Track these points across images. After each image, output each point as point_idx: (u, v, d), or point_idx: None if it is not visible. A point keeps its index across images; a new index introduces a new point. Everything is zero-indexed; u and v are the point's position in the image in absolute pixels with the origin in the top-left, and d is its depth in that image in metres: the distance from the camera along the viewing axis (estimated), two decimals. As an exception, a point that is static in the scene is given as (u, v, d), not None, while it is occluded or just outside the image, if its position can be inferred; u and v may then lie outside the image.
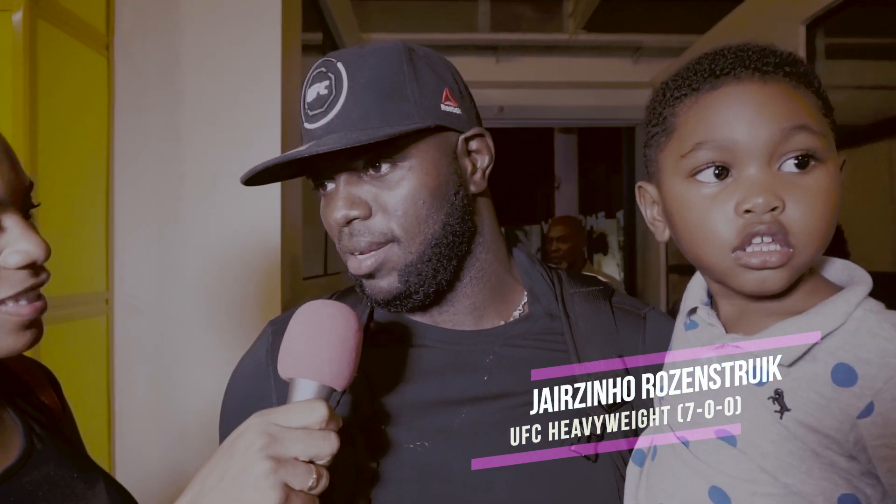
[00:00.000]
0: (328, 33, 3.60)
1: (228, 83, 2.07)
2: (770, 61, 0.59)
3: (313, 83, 0.71)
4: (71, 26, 1.80)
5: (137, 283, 2.07)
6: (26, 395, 0.73)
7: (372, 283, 0.72)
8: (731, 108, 0.57)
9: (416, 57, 0.72)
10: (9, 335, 0.60)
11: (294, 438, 0.54)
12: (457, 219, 0.72)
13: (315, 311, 0.62)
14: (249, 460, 0.52)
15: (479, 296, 0.77)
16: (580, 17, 4.88)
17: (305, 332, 0.60)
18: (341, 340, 0.59)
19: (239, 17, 2.08)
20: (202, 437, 2.03)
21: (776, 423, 0.57)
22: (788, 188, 0.56)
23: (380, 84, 0.68)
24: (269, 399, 0.76)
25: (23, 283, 0.60)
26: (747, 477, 0.58)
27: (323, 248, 3.47)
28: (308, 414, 0.55)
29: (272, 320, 0.83)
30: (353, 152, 0.68)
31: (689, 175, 0.60)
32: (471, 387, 0.72)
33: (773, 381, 0.57)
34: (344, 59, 0.70)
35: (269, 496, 0.51)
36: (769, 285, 0.57)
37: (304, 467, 0.54)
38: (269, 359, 0.78)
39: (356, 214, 0.69)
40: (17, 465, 0.64)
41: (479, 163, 0.76)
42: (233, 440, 0.55)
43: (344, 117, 0.68)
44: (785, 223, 0.56)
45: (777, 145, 0.56)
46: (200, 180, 2.07)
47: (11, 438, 0.66)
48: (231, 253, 2.08)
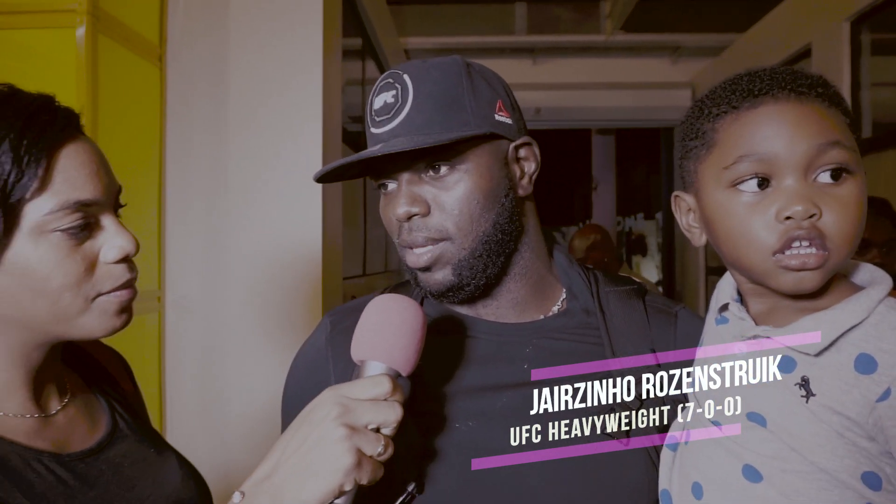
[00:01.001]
0: (367, 38, 3.68)
1: (272, 90, 2.16)
2: (804, 83, 0.64)
3: (381, 92, 0.78)
4: (127, 39, 1.91)
5: (186, 283, 2.16)
6: (109, 380, 0.81)
7: (427, 275, 0.78)
8: (770, 124, 0.63)
9: (473, 71, 0.79)
10: (111, 318, 0.67)
11: (364, 408, 0.60)
12: (506, 218, 0.78)
13: (390, 303, 0.67)
14: (327, 427, 0.58)
15: (521, 291, 0.82)
16: (617, 17, 4.86)
17: (381, 320, 0.66)
18: (412, 331, 0.66)
19: (282, 29, 2.16)
20: (244, 431, 2.11)
21: (803, 407, 0.61)
22: (824, 198, 0.61)
23: (441, 95, 0.75)
24: (328, 382, 0.81)
25: (121, 276, 0.67)
26: (777, 455, 0.62)
27: (362, 250, 3.54)
28: (375, 387, 0.61)
29: (330, 312, 0.89)
30: (416, 155, 0.74)
31: (730, 185, 0.65)
32: (512, 374, 0.77)
33: (799, 368, 0.63)
34: (409, 71, 0.77)
35: (345, 459, 0.57)
36: (806, 284, 0.63)
37: (373, 435, 0.60)
38: (328, 346, 0.84)
39: (416, 211, 0.75)
40: (105, 440, 0.72)
41: (526, 169, 0.82)
42: (309, 411, 0.61)
43: (408, 123, 0.74)
44: (822, 229, 0.61)
45: (813, 159, 0.61)
46: (246, 185, 2.16)
47: (100, 418, 0.74)
48: (274, 254, 2.15)
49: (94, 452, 0.69)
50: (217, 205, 2.16)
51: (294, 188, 2.15)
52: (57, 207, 0.62)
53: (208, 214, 2.16)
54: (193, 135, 2.16)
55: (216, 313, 2.15)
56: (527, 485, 0.72)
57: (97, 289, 0.65)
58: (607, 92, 5.40)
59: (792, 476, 0.62)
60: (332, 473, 0.57)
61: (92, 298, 0.65)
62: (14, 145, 0.60)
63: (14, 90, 0.65)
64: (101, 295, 0.66)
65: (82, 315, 0.65)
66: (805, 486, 0.61)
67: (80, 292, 0.64)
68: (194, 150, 2.16)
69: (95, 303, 0.66)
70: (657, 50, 5.35)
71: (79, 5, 1.65)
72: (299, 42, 2.16)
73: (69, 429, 0.70)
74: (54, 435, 0.68)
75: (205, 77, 2.16)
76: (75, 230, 0.63)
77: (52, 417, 0.69)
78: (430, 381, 0.76)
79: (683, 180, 0.74)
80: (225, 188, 2.15)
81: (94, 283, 0.65)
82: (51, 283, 0.62)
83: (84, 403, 0.74)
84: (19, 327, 0.64)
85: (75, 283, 0.63)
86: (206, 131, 2.16)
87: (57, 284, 0.62)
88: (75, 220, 0.63)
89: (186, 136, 2.16)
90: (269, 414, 2.09)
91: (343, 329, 0.83)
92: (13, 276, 0.62)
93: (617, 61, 5.42)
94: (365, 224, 3.62)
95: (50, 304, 0.63)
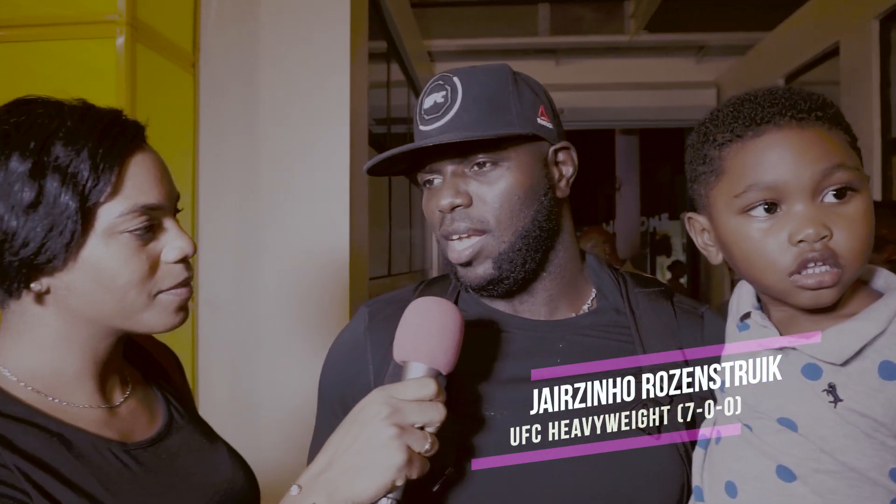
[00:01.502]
0: (391, 41, 3.73)
1: (300, 94, 2.21)
2: (804, 107, 0.67)
3: (431, 93, 0.82)
4: (163, 48, 1.98)
5: (218, 282, 2.22)
6: (163, 374, 0.86)
7: (468, 270, 0.81)
8: (775, 152, 0.66)
9: (519, 78, 0.84)
10: (170, 314, 0.72)
11: (411, 409, 0.63)
12: (544, 216, 0.82)
13: (431, 305, 0.71)
14: (378, 426, 0.62)
15: (555, 289, 0.86)
16: (641, 17, 4.85)
17: (422, 322, 0.69)
18: (452, 333, 0.69)
19: (310, 34, 2.22)
20: (275, 427, 2.16)
21: (831, 412, 0.64)
22: (832, 217, 0.64)
23: (488, 97, 0.80)
24: (365, 370, 0.86)
25: (180, 274, 0.72)
26: (809, 457, 0.65)
27: (387, 251, 3.59)
28: (422, 389, 0.65)
29: (367, 302, 0.93)
30: (461, 150, 0.78)
31: (741, 211, 0.68)
32: None
33: (825, 376, 0.66)
34: (459, 74, 0.81)
35: (396, 456, 0.61)
36: (823, 300, 0.66)
37: (420, 433, 0.63)
38: (365, 336, 0.88)
39: (460, 202, 0.79)
40: (163, 430, 0.77)
41: (564, 172, 0.85)
42: (359, 410, 0.65)
43: (456, 121, 0.79)
44: (834, 248, 0.64)
45: (819, 182, 0.64)
46: (275, 187, 2.22)
47: (157, 409, 0.80)
48: (303, 254, 2.21)
49: (155, 442, 0.74)
50: (247, 206, 2.22)
51: (322, 189, 2.20)
52: (126, 210, 0.67)
53: (239, 216, 2.22)
54: (224, 138, 2.23)
55: (247, 312, 2.22)
56: (561, 472, 0.75)
57: (158, 286, 0.71)
58: (631, 92, 5.38)
59: (824, 476, 0.64)
60: (384, 470, 0.61)
61: (154, 295, 0.71)
62: (91, 154, 0.65)
63: (88, 105, 0.70)
64: (162, 292, 0.71)
65: (145, 310, 0.70)
66: (837, 484, 0.64)
67: (143, 289, 0.69)
68: (225, 154, 2.23)
69: (156, 299, 0.71)
70: (681, 49, 5.32)
71: (119, 16, 1.73)
72: (327, 47, 2.21)
73: (131, 420, 0.75)
74: (119, 425, 0.73)
75: (235, 82, 2.23)
76: (141, 232, 0.68)
77: (116, 409, 0.74)
78: (468, 372, 0.80)
79: (695, 202, 0.78)
80: (255, 190, 2.22)
81: (156, 281, 0.70)
82: (119, 280, 0.68)
83: (143, 396, 0.80)
84: (89, 322, 0.70)
85: (140, 280, 0.69)
86: (237, 134, 2.23)
87: (124, 281, 0.68)
88: (142, 223, 0.68)
89: (218, 140, 2.23)
90: (299, 410, 2.15)
91: (380, 319, 0.87)
92: (86, 274, 0.67)
93: (641, 61, 5.40)
94: (390, 226, 3.67)
95: (117, 300, 0.68)
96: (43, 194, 0.63)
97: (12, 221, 0.63)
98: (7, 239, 0.64)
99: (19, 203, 0.63)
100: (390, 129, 3.88)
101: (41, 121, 0.66)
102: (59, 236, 0.64)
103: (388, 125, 3.80)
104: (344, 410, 0.73)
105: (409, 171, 0.87)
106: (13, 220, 0.63)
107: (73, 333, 0.70)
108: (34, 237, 0.64)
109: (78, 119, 0.67)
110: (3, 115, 0.67)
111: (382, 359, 0.84)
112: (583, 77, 5.31)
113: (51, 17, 1.78)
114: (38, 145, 0.64)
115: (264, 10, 2.22)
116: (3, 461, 0.60)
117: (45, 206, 0.64)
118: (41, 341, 0.69)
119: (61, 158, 0.64)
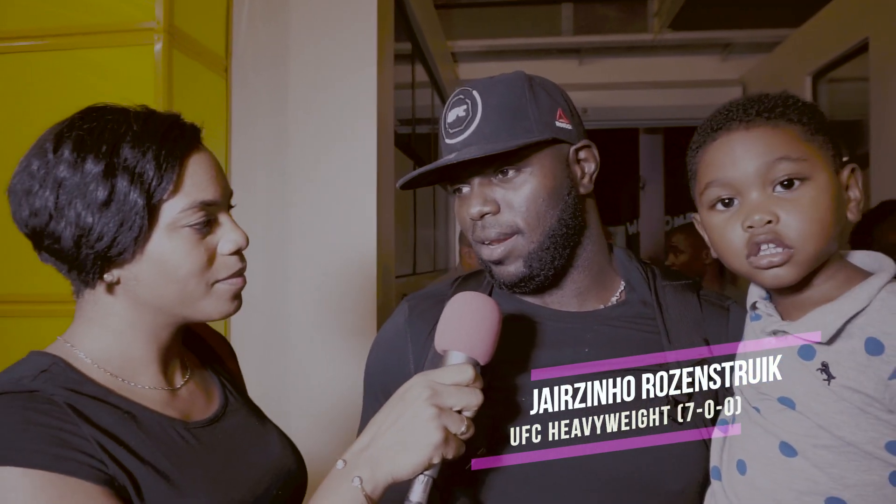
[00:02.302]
0: (416, 43, 3.77)
1: (328, 97, 2.26)
2: (752, 110, 0.74)
3: (453, 107, 0.87)
4: (197, 53, 2.04)
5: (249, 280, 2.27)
6: (219, 361, 0.93)
7: (501, 268, 0.86)
8: (724, 153, 0.75)
9: (535, 84, 0.87)
10: (226, 302, 0.78)
11: (450, 392, 0.68)
12: (570, 214, 0.85)
13: (471, 299, 0.75)
14: (419, 407, 0.66)
15: (583, 282, 0.89)
16: (665, 15, 4.82)
17: (463, 314, 0.74)
18: (491, 325, 0.73)
19: (338, 39, 2.26)
20: (305, 421, 2.22)
21: (825, 389, 0.69)
22: (781, 204, 0.71)
23: (506, 107, 0.83)
24: (405, 358, 0.91)
25: (234, 265, 0.78)
26: (808, 433, 0.70)
27: (412, 250, 3.64)
28: (461, 374, 0.69)
29: (408, 297, 0.98)
30: (486, 160, 0.83)
31: (709, 207, 0.77)
32: (573, 357, 0.84)
33: (819, 355, 0.70)
34: (478, 87, 0.85)
35: (435, 435, 0.65)
36: (783, 279, 0.72)
37: (458, 416, 0.67)
38: (406, 327, 0.93)
39: (488, 210, 0.83)
40: (220, 412, 0.83)
41: (586, 169, 0.89)
42: (402, 393, 0.69)
43: (479, 133, 0.83)
44: (780, 231, 0.70)
45: (763, 175, 0.71)
46: (304, 187, 2.27)
47: (214, 392, 0.86)
48: (332, 252, 2.26)
49: (213, 422, 0.80)
50: (277, 206, 2.28)
51: (350, 189, 2.25)
52: (187, 206, 0.73)
53: (269, 215, 2.28)
54: (255, 139, 2.29)
55: (277, 309, 2.27)
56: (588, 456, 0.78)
57: (215, 276, 0.76)
58: (655, 91, 5.35)
59: (823, 450, 0.69)
60: (423, 448, 0.65)
61: (211, 284, 0.76)
62: (155, 155, 0.71)
63: (150, 111, 0.76)
64: (218, 282, 0.77)
65: (203, 299, 0.76)
66: (836, 458, 0.68)
67: (202, 279, 0.75)
68: (256, 154, 2.29)
69: (213, 289, 0.76)
70: (706, 47, 5.27)
71: (157, 24, 1.79)
72: (354, 50, 2.26)
73: (191, 401, 0.81)
74: (180, 405, 0.79)
75: (265, 85, 2.29)
76: (200, 226, 0.74)
77: (177, 390, 0.80)
78: (501, 361, 0.83)
79: None
80: (284, 190, 2.27)
81: (213, 272, 0.76)
82: (181, 271, 0.73)
83: (201, 379, 0.86)
84: (154, 310, 0.75)
85: (199, 270, 0.74)
86: (267, 136, 2.29)
87: (185, 272, 0.73)
88: (200, 218, 0.74)
89: (248, 141, 2.29)
90: (328, 404, 2.20)
91: (420, 312, 0.93)
92: (152, 265, 0.73)
93: (665, 60, 5.37)
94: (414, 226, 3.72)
95: (179, 289, 0.74)
96: (114, 193, 0.70)
97: (88, 218, 0.70)
98: (84, 234, 0.70)
99: (94, 201, 0.69)
100: (415, 129, 3.93)
101: (111, 126, 0.72)
102: (128, 231, 0.70)
103: (412, 126, 3.84)
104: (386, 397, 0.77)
105: (439, 182, 0.91)
106: (89, 217, 0.70)
107: (139, 321, 0.76)
108: (107, 232, 0.70)
109: (143, 123, 0.73)
110: (77, 122, 0.73)
111: (422, 349, 0.90)
112: (606, 76, 5.29)
113: (90, 27, 1.85)
114: (109, 148, 0.70)
115: (293, 15, 2.28)
116: (83, 433, 0.65)
117: (117, 203, 0.70)
118: (111, 328, 0.75)
119: (129, 160, 0.70)
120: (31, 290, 1.89)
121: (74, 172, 0.69)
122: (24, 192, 0.71)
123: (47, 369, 0.70)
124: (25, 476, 0.61)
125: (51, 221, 0.70)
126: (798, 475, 0.70)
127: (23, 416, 0.64)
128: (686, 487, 0.80)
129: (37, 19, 1.89)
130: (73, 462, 0.63)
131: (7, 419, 0.64)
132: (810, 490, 0.69)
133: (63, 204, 0.70)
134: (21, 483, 0.61)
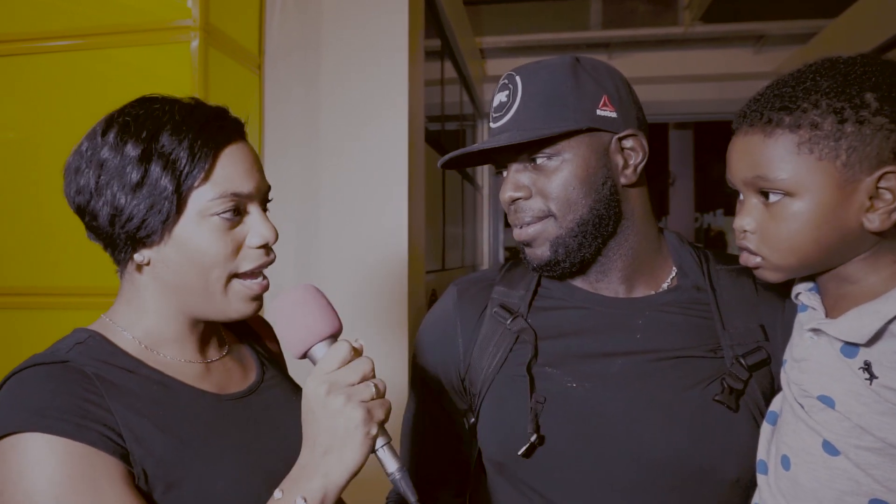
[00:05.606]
0: (445, 39, 3.77)
1: (359, 94, 2.28)
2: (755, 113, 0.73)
3: (498, 92, 0.88)
4: (233, 51, 2.07)
5: (280, 275, 2.31)
6: (259, 340, 0.96)
7: (530, 250, 0.88)
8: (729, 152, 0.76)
9: (581, 69, 0.85)
10: (242, 302, 0.79)
11: (343, 374, 0.68)
12: (603, 205, 0.85)
13: (282, 302, 0.73)
14: (327, 403, 0.67)
15: (628, 269, 0.89)
16: (696, 8, 4.75)
17: (291, 315, 0.73)
18: (316, 302, 0.73)
19: (369, 37, 2.28)
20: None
21: (867, 389, 0.67)
22: (763, 212, 0.73)
23: (545, 94, 0.83)
24: (455, 342, 0.92)
25: (259, 258, 0.78)
26: (850, 433, 0.68)
27: (441, 246, 3.64)
28: (338, 354, 0.69)
29: (455, 281, 1.00)
30: (518, 147, 0.84)
31: None
32: (625, 343, 0.84)
33: (861, 354, 0.68)
34: (521, 73, 0.86)
35: (356, 414, 0.66)
36: (763, 277, 0.76)
37: (362, 386, 0.68)
38: (455, 309, 0.95)
39: (519, 196, 0.85)
40: (255, 385, 0.86)
41: (631, 159, 0.87)
42: (307, 408, 0.69)
43: (515, 120, 0.84)
44: (754, 240, 0.73)
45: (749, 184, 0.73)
46: (336, 182, 2.29)
47: (250, 367, 0.89)
48: (363, 247, 2.27)
49: (247, 395, 0.83)
50: (309, 202, 2.30)
51: (382, 185, 2.26)
52: (217, 195, 0.74)
53: (302, 210, 2.30)
54: (288, 136, 2.31)
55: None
56: (640, 440, 0.79)
57: (239, 267, 0.77)
58: (685, 85, 5.29)
59: (866, 452, 0.67)
60: (356, 431, 0.66)
61: (231, 277, 0.77)
62: (191, 144, 0.73)
63: (198, 102, 0.79)
64: (238, 276, 0.78)
65: (222, 296, 0.77)
66: (879, 459, 0.66)
67: (225, 268, 0.76)
68: (289, 151, 2.31)
69: (231, 286, 0.77)
70: (739, 40, 5.18)
71: (193, 22, 1.82)
72: (385, 47, 2.27)
73: (227, 375, 0.84)
74: (215, 379, 0.81)
75: (298, 82, 2.31)
76: (229, 215, 0.75)
77: (212, 364, 0.83)
78: (550, 346, 0.85)
79: None
80: (317, 186, 2.29)
81: (237, 263, 0.77)
82: (206, 258, 0.75)
83: (238, 355, 0.88)
84: (180, 295, 0.77)
85: (223, 259, 0.76)
86: (300, 132, 2.31)
87: (210, 259, 0.75)
88: (229, 207, 0.75)
89: (282, 138, 2.31)
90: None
91: (468, 297, 0.94)
92: (179, 249, 0.75)
93: (696, 53, 5.29)
94: (444, 222, 3.72)
95: (203, 276, 0.76)
96: (147, 176, 0.72)
97: (122, 199, 0.72)
98: (117, 213, 0.73)
99: (128, 183, 0.72)
100: (444, 126, 3.93)
101: (156, 114, 0.74)
102: (157, 214, 0.72)
103: (441, 122, 3.85)
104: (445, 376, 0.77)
105: (484, 163, 0.92)
106: (122, 198, 0.72)
107: (166, 302, 0.78)
108: (137, 213, 0.72)
109: (186, 114, 0.75)
110: (128, 108, 0.76)
111: (471, 333, 0.91)
112: (636, 70, 5.23)
113: (128, 26, 1.89)
114: (150, 134, 0.73)
115: (325, 12, 2.30)
116: (106, 405, 0.68)
117: (148, 186, 0.72)
118: (145, 306, 0.78)
119: (166, 146, 0.73)
120: (49, 282, 1.95)
121: (115, 155, 0.73)
122: (74, 170, 0.75)
123: (83, 342, 0.74)
124: (48, 442, 0.63)
125: (91, 200, 0.74)
126: (840, 475, 0.68)
127: (51, 386, 0.67)
128: (741, 477, 0.79)
129: (75, 19, 1.93)
130: (94, 432, 0.65)
131: (35, 387, 0.67)
132: (853, 490, 0.67)
133: (102, 184, 0.73)
134: (43, 449, 0.63)
